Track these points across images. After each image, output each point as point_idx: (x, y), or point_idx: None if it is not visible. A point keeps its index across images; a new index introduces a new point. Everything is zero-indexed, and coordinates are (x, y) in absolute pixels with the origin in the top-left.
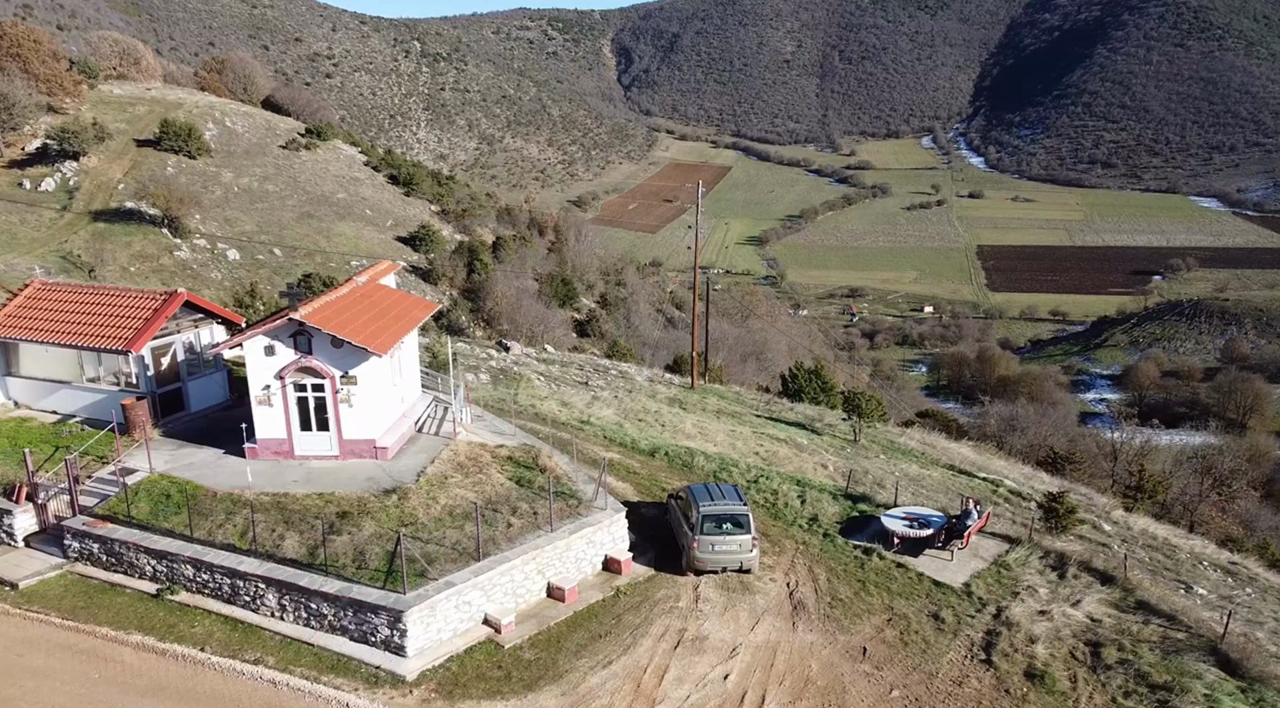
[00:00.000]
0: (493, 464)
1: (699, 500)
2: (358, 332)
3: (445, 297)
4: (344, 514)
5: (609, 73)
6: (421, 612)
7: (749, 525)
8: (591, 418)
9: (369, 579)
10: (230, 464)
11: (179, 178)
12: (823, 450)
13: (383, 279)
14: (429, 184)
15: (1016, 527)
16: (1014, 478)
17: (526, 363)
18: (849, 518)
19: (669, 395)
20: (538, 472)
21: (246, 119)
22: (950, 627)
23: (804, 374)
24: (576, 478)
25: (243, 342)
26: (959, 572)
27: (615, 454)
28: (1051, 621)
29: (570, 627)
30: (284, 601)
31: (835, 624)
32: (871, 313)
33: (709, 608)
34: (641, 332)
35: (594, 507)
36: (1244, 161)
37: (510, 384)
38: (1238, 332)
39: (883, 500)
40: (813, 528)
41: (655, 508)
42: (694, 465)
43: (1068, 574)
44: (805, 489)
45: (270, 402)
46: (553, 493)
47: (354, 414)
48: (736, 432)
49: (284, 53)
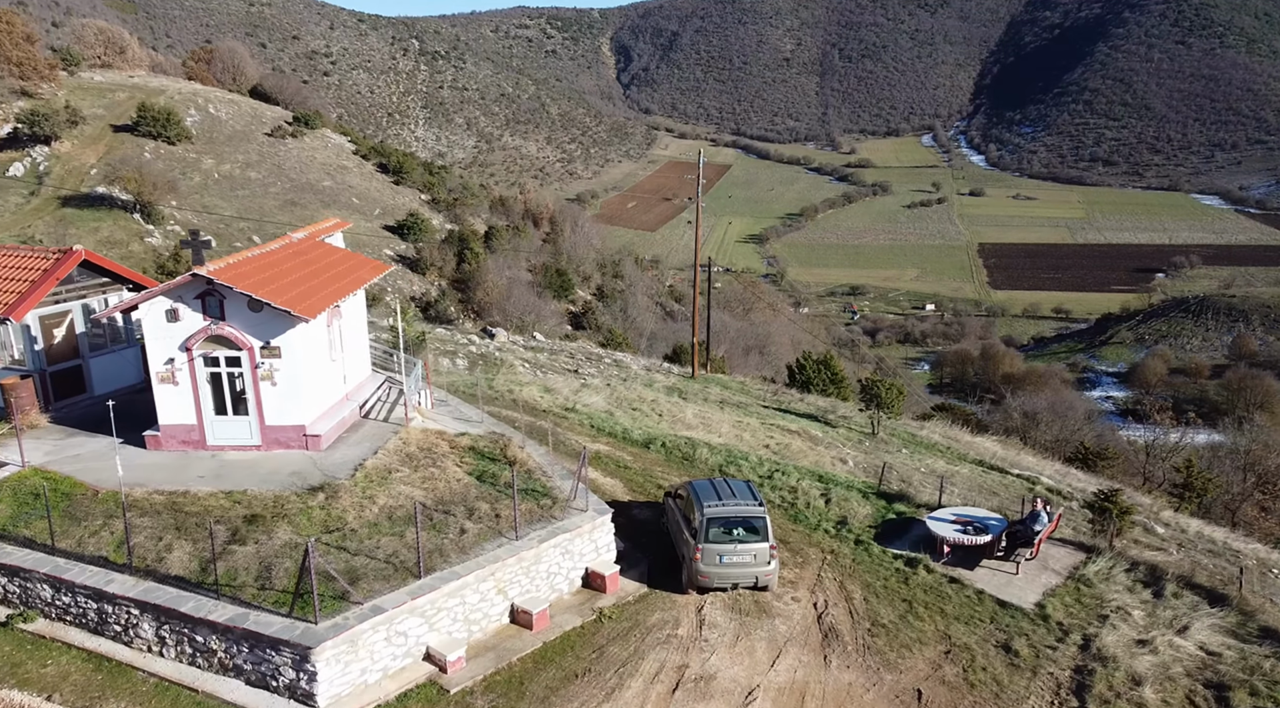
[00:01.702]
0: (450, 456)
1: (703, 500)
2: (282, 292)
3: (433, 287)
4: (253, 518)
5: (608, 71)
6: (337, 647)
7: (766, 531)
8: (577, 405)
9: (272, 604)
10: (126, 457)
11: (155, 164)
12: (840, 444)
13: (327, 237)
14: (419, 173)
15: (1070, 531)
16: (1048, 475)
17: (511, 350)
18: (884, 521)
19: (667, 384)
20: (505, 465)
21: (231, 106)
22: (1027, 662)
23: (813, 364)
24: (553, 473)
25: (138, 304)
26: (1028, 589)
27: (604, 446)
28: (1156, 654)
29: (538, 663)
30: (163, 631)
31: (878, 658)
32: (873, 311)
33: (716, 637)
34: (639, 324)
35: (572, 508)
36: (1246, 159)
37: (490, 370)
38: (1245, 328)
39: (924, 501)
40: (842, 533)
41: (649, 509)
42: (696, 458)
43: (1165, 592)
44: (830, 486)
45: (175, 379)
46: (521, 491)
47: (279, 395)
48: (743, 423)
49: (281, 50)
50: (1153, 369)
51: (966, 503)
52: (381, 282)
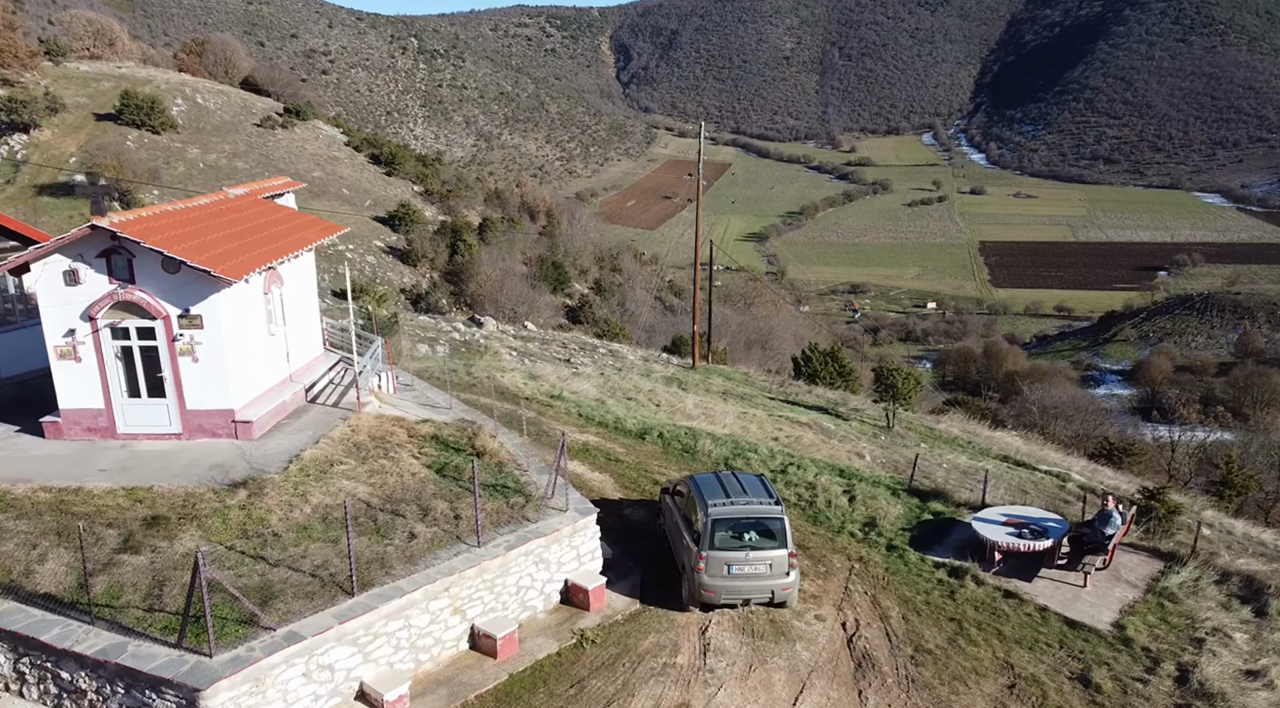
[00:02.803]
0: (407, 446)
1: (708, 498)
2: (203, 250)
3: (424, 279)
4: (154, 521)
5: (607, 70)
6: (236, 687)
7: (784, 535)
8: (565, 393)
9: (160, 630)
10: (19, 447)
11: (138, 153)
12: (855, 437)
13: (277, 197)
14: (413, 164)
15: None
16: (1078, 471)
17: (499, 338)
18: (920, 522)
19: (665, 374)
20: (472, 457)
21: (220, 97)
22: (1113, 700)
23: (819, 356)
24: (529, 466)
25: (29, 262)
26: (1100, 605)
27: (593, 437)
28: (1273, 689)
29: (501, 700)
30: (22, 665)
31: (927, 695)
32: (873, 309)
33: (724, 667)
34: (637, 317)
35: (549, 507)
36: (1247, 157)
37: (471, 357)
38: (1251, 325)
39: (963, 499)
40: (871, 537)
41: (644, 509)
42: (698, 451)
43: (1270, 609)
44: (853, 482)
45: (77, 355)
46: (489, 487)
47: (202, 373)
48: (749, 414)
49: (279, 49)
50: (1158, 367)
51: (1012, 502)
52: (363, 262)
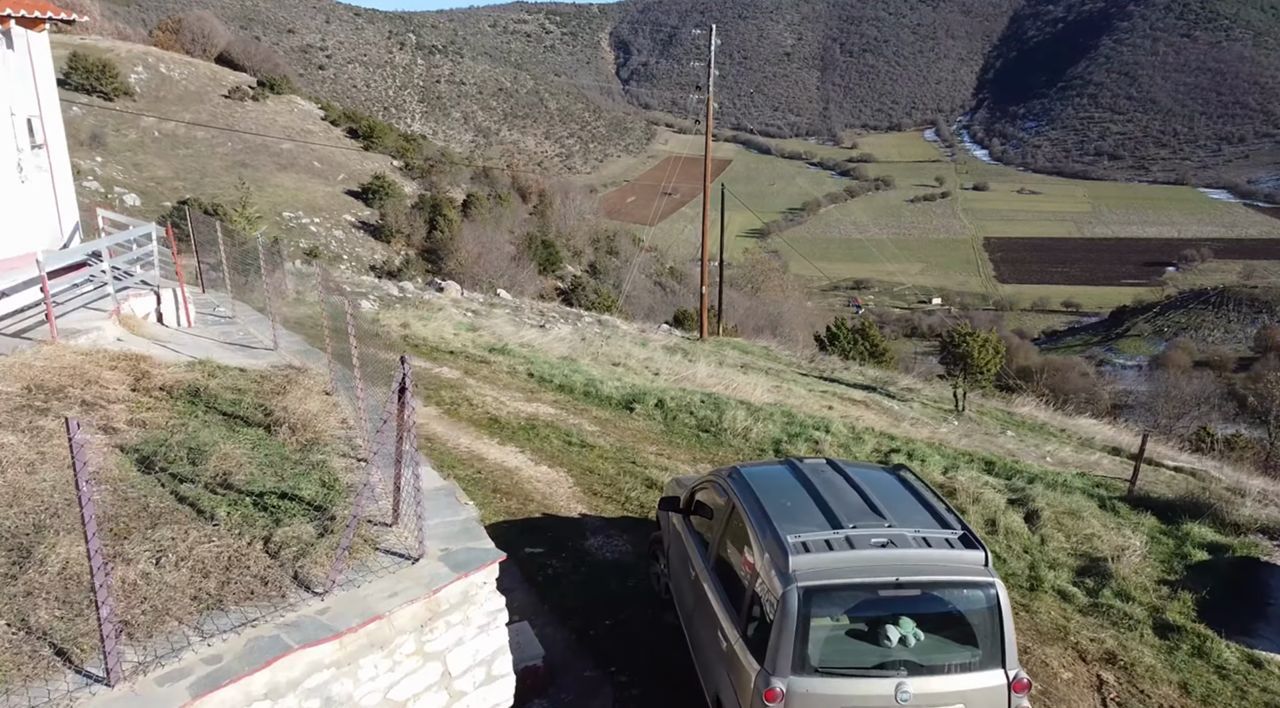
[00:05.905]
0: (117, 404)
1: (780, 523)
2: None
3: (398, 255)
4: None
5: (607, 66)
6: None
7: (995, 630)
8: (511, 346)
9: None
10: None
11: (85, 118)
12: (926, 422)
13: None
14: (393, 138)
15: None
16: (1208, 469)
17: (458, 303)
18: (1190, 567)
19: (667, 344)
20: (265, 430)
21: (187, 67)
22: None
23: (847, 333)
24: (377, 452)
25: None
26: None
27: (547, 406)
28: None
29: None
30: None
31: None
32: (878, 305)
33: None
34: (636, 299)
35: (384, 552)
36: (1254, 152)
37: (402, 311)
38: (1270, 319)
39: (1246, 518)
40: (1106, 601)
41: (625, 537)
42: (724, 429)
43: None
44: (1023, 485)
45: None
46: (251, 496)
47: None
48: (783, 388)
49: (276, 44)
50: (1175, 362)
51: None
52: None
